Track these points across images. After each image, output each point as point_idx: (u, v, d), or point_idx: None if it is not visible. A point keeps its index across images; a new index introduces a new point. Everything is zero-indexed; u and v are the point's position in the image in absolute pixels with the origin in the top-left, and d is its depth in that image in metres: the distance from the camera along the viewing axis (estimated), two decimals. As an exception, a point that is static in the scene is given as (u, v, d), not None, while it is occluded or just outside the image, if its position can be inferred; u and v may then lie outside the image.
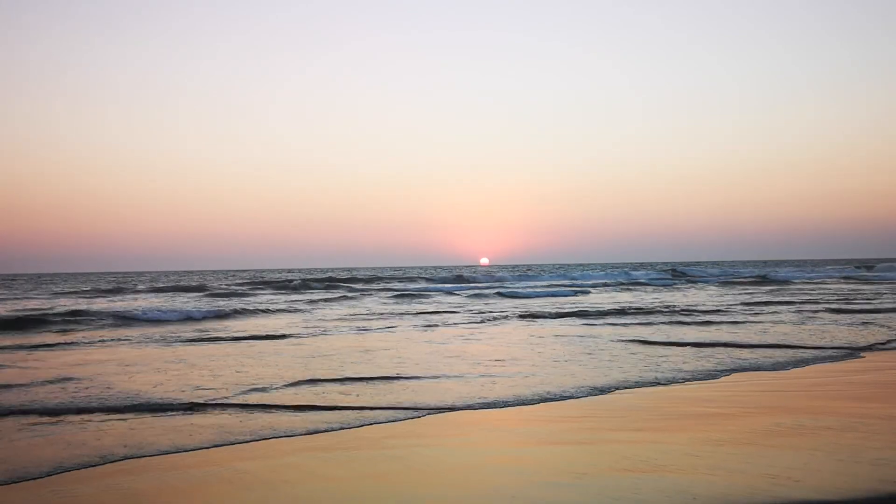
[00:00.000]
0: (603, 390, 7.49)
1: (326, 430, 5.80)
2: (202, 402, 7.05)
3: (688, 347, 11.16)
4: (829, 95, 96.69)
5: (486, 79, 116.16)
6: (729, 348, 10.96)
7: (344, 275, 69.92)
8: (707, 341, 11.90)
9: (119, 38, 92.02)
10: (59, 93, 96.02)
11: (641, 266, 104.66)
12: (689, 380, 8.12)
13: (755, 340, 11.93)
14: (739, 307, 20.86)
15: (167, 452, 5.13)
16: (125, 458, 5.00)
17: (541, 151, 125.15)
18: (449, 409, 6.61)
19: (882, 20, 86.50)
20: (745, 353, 10.29)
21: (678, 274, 58.34)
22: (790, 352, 10.49)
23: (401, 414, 6.42)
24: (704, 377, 8.29)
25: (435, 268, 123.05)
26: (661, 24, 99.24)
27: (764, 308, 20.34)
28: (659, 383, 7.91)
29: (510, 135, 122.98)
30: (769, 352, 10.52)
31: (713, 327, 14.64)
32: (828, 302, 22.39)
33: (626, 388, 7.65)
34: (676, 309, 20.19)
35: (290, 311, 22.50)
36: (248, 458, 4.94)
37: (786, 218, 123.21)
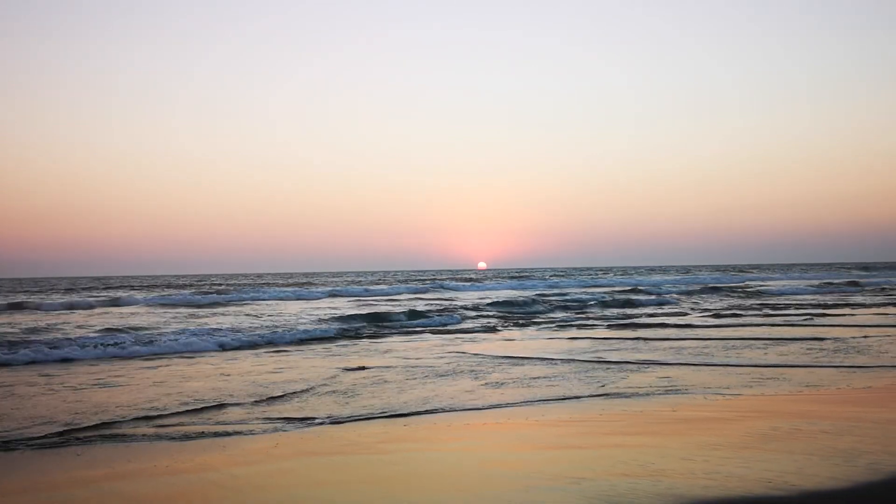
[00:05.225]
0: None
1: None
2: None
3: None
4: (830, 95, 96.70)
5: (484, 80, 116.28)
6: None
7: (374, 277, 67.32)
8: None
9: (114, 38, 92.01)
10: (53, 92, 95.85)
11: (657, 270, 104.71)
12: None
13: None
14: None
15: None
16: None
17: (539, 153, 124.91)
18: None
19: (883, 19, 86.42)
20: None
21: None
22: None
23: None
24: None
25: (438, 271, 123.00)
26: (661, 24, 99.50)
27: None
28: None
29: (508, 137, 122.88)
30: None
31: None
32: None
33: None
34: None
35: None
36: (243, 464, 4.93)
37: (789, 220, 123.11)
